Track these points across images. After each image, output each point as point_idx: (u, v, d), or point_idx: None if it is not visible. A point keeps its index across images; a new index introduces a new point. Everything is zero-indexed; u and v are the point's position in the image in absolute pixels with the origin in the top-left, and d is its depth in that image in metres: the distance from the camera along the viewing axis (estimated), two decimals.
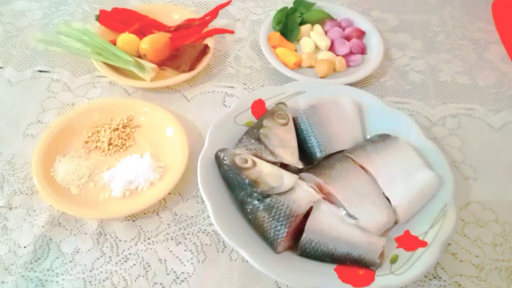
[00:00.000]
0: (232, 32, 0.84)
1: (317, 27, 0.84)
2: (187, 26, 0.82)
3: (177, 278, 0.55)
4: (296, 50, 0.81)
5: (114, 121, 0.68)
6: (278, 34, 0.81)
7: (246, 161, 0.56)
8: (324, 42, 0.80)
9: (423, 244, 0.53)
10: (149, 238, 0.58)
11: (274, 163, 0.59)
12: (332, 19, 0.85)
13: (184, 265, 0.56)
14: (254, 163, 0.56)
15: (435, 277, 0.56)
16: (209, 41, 0.79)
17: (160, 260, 0.56)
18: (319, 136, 0.62)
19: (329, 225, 0.53)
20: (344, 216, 0.54)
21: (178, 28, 0.82)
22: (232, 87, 0.77)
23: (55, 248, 0.57)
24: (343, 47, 0.80)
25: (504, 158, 0.68)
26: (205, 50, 0.77)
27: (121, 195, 0.60)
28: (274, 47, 0.80)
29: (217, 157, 0.58)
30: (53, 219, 0.59)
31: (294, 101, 0.67)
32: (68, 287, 0.54)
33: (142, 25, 0.81)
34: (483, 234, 0.60)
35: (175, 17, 0.84)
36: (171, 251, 0.57)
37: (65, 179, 0.61)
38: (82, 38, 0.76)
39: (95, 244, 0.57)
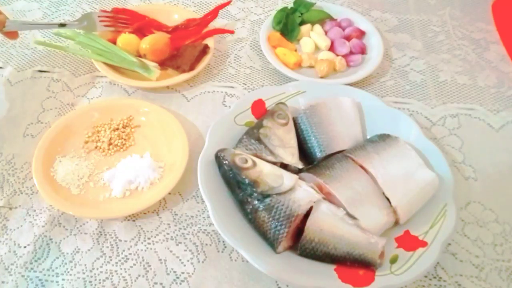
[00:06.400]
0: (232, 32, 0.84)
1: (317, 27, 0.84)
2: (187, 26, 0.81)
3: (177, 278, 0.55)
4: (296, 50, 0.81)
5: (114, 121, 0.68)
6: (278, 34, 0.81)
7: (246, 161, 0.56)
8: (324, 42, 0.80)
9: (423, 244, 0.53)
10: (149, 238, 0.58)
11: (274, 163, 0.59)
12: (332, 19, 0.85)
13: (184, 265, 0.56)
14: (254, 163, 0.56)
15: (435, 277, 0.56)
16: (209, 41, 0.78)
17: (160, 260, 0.56)
18: (319, 136, 0.62)
19: (329, 225, 0.53)
20: (344, 216, 0.54)
21: (178, 28, 0.81)
22: (232, 87, 0.77)
23: (55, 248, 0.57)
24: (343, 47, 0.80)
25: (504, 158, 0.68)
26: (205, 50, 0.77)
27: (121, 195, 0.60)
28: (274, 47, 0.80)
29: (217, 157, 0.58)
30: (53, 219, 0.59)
31: (294, 101, 0.67)
32: (68, 287, 0.54)
33: (142, 25, 0.81)
34: (483, 234, 0.60)
35: (175, 17, 0.84)
36: (171, 251, 0.57)
37: (65, 179, 0.61)
38: (82, 40, 0.76)
39: (95, 244, 0.57)
